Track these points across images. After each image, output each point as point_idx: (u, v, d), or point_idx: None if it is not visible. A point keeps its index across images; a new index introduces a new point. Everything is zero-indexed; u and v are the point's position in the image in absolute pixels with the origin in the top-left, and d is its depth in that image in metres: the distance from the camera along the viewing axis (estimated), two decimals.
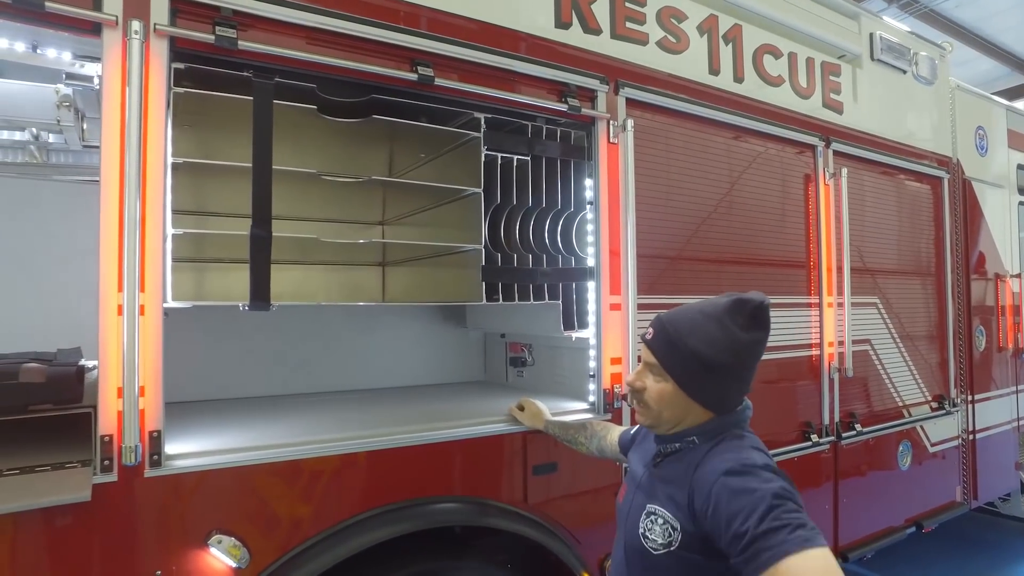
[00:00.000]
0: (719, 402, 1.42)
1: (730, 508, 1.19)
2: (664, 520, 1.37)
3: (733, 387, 1.42)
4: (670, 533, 1.35)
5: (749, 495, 1.18)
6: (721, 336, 1.36)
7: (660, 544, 1.36)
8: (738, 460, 1.27)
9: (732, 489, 1.21)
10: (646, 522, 1.41)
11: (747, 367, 1.42)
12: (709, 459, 1.33)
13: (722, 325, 1.37)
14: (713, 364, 1.37)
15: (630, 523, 1.47)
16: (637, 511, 1.46)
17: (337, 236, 2.98)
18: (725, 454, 1.32)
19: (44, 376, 1.67)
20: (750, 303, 1.38)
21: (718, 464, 1.29)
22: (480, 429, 2.33)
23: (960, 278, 4.37)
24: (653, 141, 2.81)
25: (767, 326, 1.40)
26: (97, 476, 1.66)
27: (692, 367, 1.39)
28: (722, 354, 1.36)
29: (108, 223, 1.70)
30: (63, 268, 2.80)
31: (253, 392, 3.02)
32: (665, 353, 1.42)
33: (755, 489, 1.18)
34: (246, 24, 1.92)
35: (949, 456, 4.22)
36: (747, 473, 1.22)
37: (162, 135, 1.80)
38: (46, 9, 1.61)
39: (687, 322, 1.41)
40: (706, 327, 1.38)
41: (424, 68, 2.19)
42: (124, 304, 1.68)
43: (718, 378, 1.39)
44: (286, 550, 1.93)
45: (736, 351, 1.37)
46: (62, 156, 3.24)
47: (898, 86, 4.00)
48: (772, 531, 1.11)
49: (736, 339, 1.36)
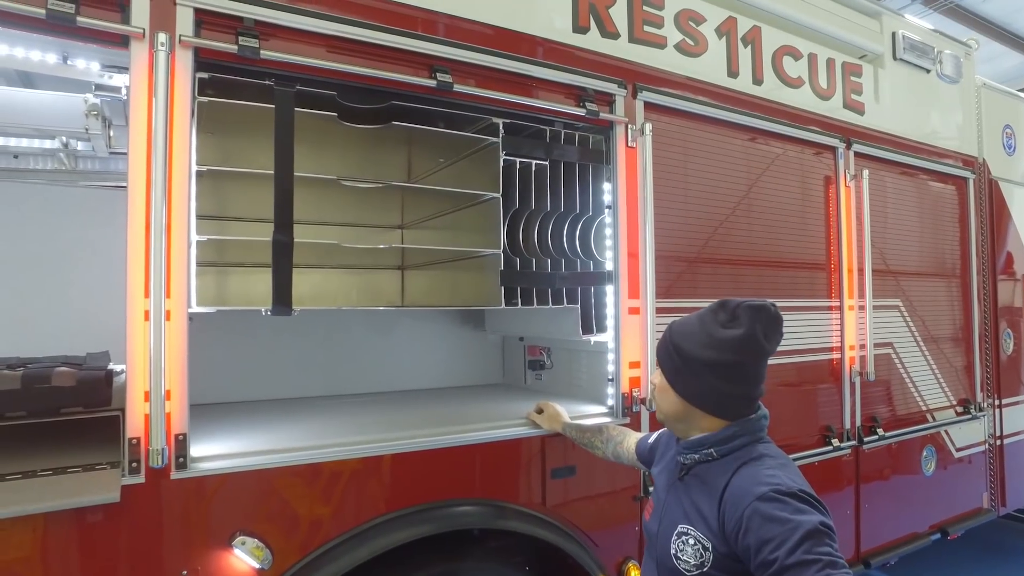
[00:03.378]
0: (704, 401, 1.42)
1: (762, 534, 1.19)
2: (696, 540, 1.36)
3: (721, 388, 1.40)
4: (702, 554, 1.34)
5: (782, 524, 1.18)
6: (701, 333, 1.40)
7: (693, 565, 1.36)
8: (772, 484, 1.26)
9: (765, 515, 1.21)
10: (677, 543, 1.40)
11: (734, 367, 1.38)
12: (739, 478, 1.33)
13: (704, 323, 1.42)
14: (692, 359, 1.40)
15: (661, 543, 1.46)
16: (668, 531, 1.45)
17: (356, 240, 3.01)
18: (755, 473, 1.32)
19: (75, 380, 1.72)
20: (733, 302, 1.41)
21: (750, 486, 1.28)
22: (499, 433, 2.34)
23: (986, 280, 4.28)
24: (671, 145, 2.80)
25: (750, 325, 1.37)
26: (125, 478, 1.70)
27: (675, 361, 1.44)
28: (703, 350, 1.38)
29: (135, 230, 1.74)
30: (89, 273, 2.86)
31: (271, 395, 3.05)
32: (661, 349, 1.52)
33: (788, 519, 1.18)
34: (268, 34, 1.96)
35: (975, 461, 4.14)
36: (781, 500, 1.22)
37: (187, 143, 1.84)
38: (78, 23, 1.66)
39: (681, 322, 1.50)
40: (690, 324, 1.45)
41: (443, 74, 2.20)
42: (151, 309, 1.71)
43: (697, 375, 1.41)
44: (308, 552, 1.95)
45: (717, 347, 1.37)
46: (88, 163, 3.32)
47: (921, 85, 3.94)
48: (802, 564, 1.11)
49: (713, 335, 1.38)
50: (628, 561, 2.53)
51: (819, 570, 1.10)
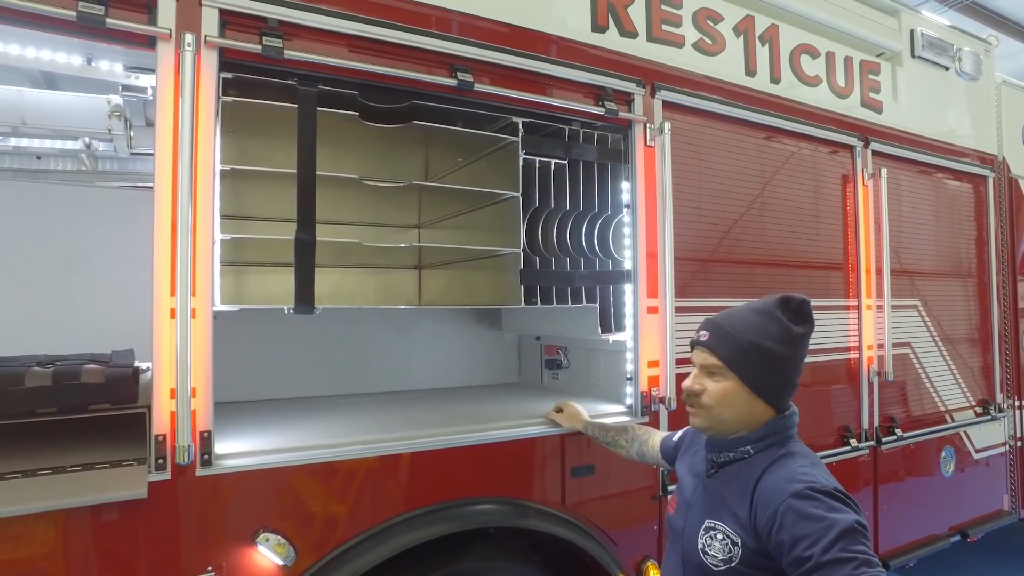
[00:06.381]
0: (780, 396, 1.45)
1: (796, 531, 1.20)
2: (724, 535, 1.36)
3: (790, 382, 1.46)
4: (730, 549, 1.34)
5: (817, 521, 1.18)
6: (776, 329, 1.42)
7: (720, 560, 1.36)
8: (807, 482, 1.27)
9: (800, 512, 1.21)
10: (705, 538, 1.40)
11: (800, 360, 1.46)
12: (771, 475, 1.34)
13: (776, 319, 1.43)
14: (773, 355, 1.41)
15: (688, 539, 1.46)
16: (695, 526, 1.45)
17: (374, 239, 3.02)
18: (789, 470, 1.33)
19: (103, 377, 1.74)
20: (795, 299, 1.46)
21: (784, 483, 1.29)
22: (519, 432, 2.35)
23: (1006, 279, 4.24)
24: (690, 143, 2.79)
25: (812, 321, 1.47)
26: (152, 474, 1.72)
27: (754, 360, 1.41)
28: (780, 345, 1.41)
29: (161, 229, 1.75)
30: (113, 272, 2.89)
31: (290, 394, 3.07)
32: (726, 350, 1.43)
33: (824, 516, 1.19)
34: (291, 34, 1.97)
35: (995, 463, 4.10)
36: (816, 498, 1.23)
37: (211, 143, 1.85)
38: (107, 25, 1.68)
39: (741, 320, 1.46)
40: (760, 322, 1.44)
41: (463, 74, 2.21)
42: (177, 307, 1.73)
43: (778, 370, 1.43)
44: (330, 549, 1.96)
45: (791, 342, 1.43)
46: (108, 163, 3.36)
47: (940, 83, 3.90)
48: (837, 562, 1.12)
49: (789, 331, 1.43)
50: (647, 560, 2.53)
51: (854, 568, 1.10)
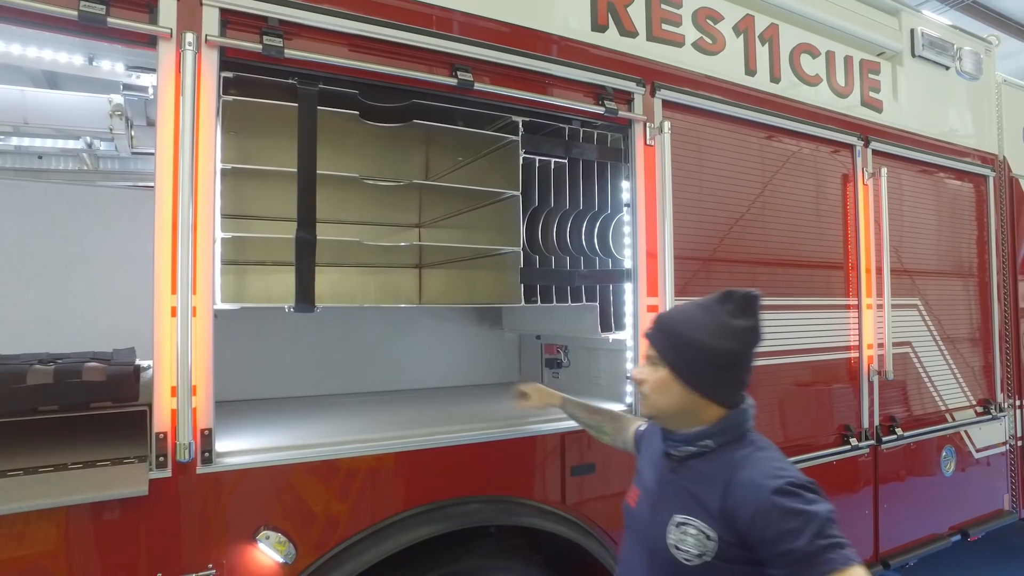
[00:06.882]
0: (714, 390, 1.44)
1: (782, 526, 1.24)
2: (698, 531, 1.37)
3: (729, 377, 1.44)
4: (704, 543, 1.36)
5: (799, 516, 1.24)
6: (715, 323, 1.43)
7: (694, 555, 1.36)
8: (784, 477, 1.30)
9: (785, 509, 1.26)
10: (677, 533, 1.40)
11: (741, 356, 1.44)
12: (745, 470, 1.36)
13: (715, 313, 1.45)
14: (709, 349, 1.41)
15: (654, 533, 1.46)
16: (662, 520, 1.45)
17: (375, 238, 3.03)
18: (764, 465, 1.35)
19: (104, 375, 1.75)
20: (738, 292, 1.46)
21: (763, 480, 1.31)
22: (520, 430, 2.35)
23: (1007, 278, 4.23)
24: (689, 142, 2.79)
25: (756, 316, 1.45)
26: (153, 472, 1.73)
27: (686, 353, 1.44)
28: (718, 339, 1.41)
29: (162, 228, 1.76)
30: (114, 271, 2.90)
31: (290, 393, 3.08)
32: (661, 342, 1.49)
33: (804, 511, 1.25)
34: (292, 33, 1.98)
35: (996, 463, 4.10)
36: (797, 494, 1.28)
37: (212, 142, 1.86)
38: (108, 24, 1.69)
39: (681, 313, 1.52)
40: (700, 316, 1.46)
41: (463, 73, 2.22)
42: (178, 306, 1.74)
43: (715, 364, 1.42)
44: (330, 547, 1.97)
45: (732, 337, 1.42)
46: (109, 163, 3.36)
47: (941, 82, 3.90)
48: (820, 550, 1.20)
49: (727, 325, 1.42)
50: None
51: (833, 551, 1.20)
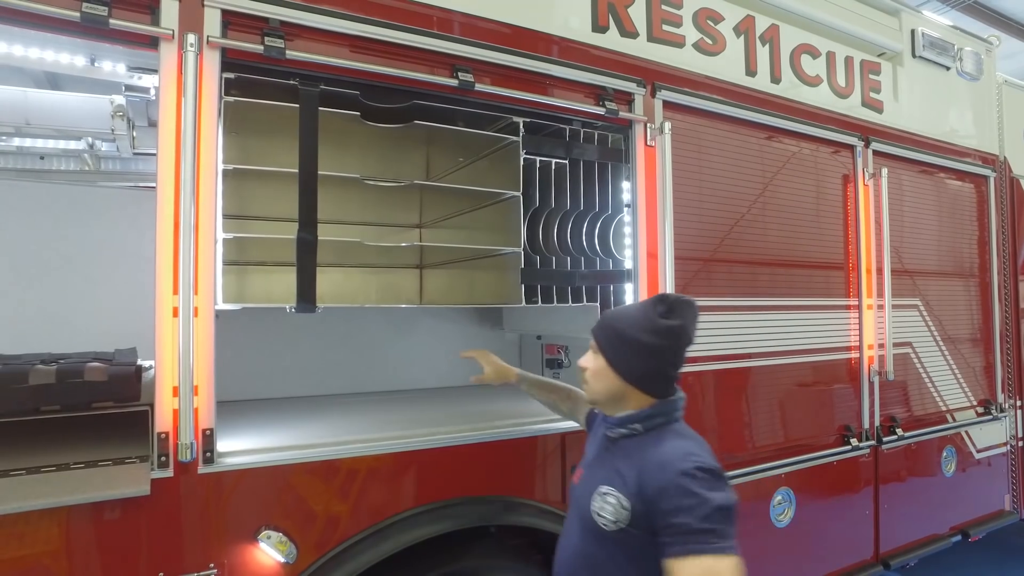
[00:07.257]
0: (641, 380, 1.60)
1: (677, 502, 1.39)
2: (616, 499, 1.51)
3: (656, 369, 1.60)
4: (619, 511, 1.49)
5: (695, 497, 1.38)
6: (645, 321, 1.60)
7: (611, 521, 1.50)
8: (694, 461, 1.44)
9: (684, 488, 1.40)
10: (599, 501, 1.54)
11: (667, 351, 1.60)
12: (658, 448, 1.52)
13: (646, 312, 1.62)
14: (638, 343, 1.58)
15: (584, 502, 1.60)
16: (590, 491, 1.59)
17: (376, 239, 3.04)
18: (678, 448, 1.50)
19: (106, 375, 1.75)
20: (672, 296, 1.64)
21: (674, 460, 1.46)
22: (521, 430, 2.36)
23: (1007, 279, 4.24)
24: (690, 143, 2.80)
25: (685, 317, 1.60)
26: (154, 471, 1.74)
27: (618, 345, 1.62)
28: (647, 335, 1.57)
29: (164, 228, 1.77)
30: (115, 272, 2.90)
31: (291, 393, 3.09)
32: (600, 335, 1.67)
33: (700, 494, 1.38)
34: (293, 34, 1.98)
35: (997, 463, 4.10)
36: (700, 479, 1.41)
37: (214, 142, 1.87)
38: (110, 26, 1.69)
39: (621, 311, 1.72)
40: (634, 314, 1.64)
41: (464, 74, 2.22)
42: (180, 306, 1.74)
43: (643, 357, 1.59)
44: (331, 546, 1.98)
45: (659, 334, 1.57)
46: (110, 163, 3.37)
47: (941, 83, 3.90)
48: (701, 532, 1.34)
49: (655, 323, 1.58)
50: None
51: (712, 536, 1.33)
